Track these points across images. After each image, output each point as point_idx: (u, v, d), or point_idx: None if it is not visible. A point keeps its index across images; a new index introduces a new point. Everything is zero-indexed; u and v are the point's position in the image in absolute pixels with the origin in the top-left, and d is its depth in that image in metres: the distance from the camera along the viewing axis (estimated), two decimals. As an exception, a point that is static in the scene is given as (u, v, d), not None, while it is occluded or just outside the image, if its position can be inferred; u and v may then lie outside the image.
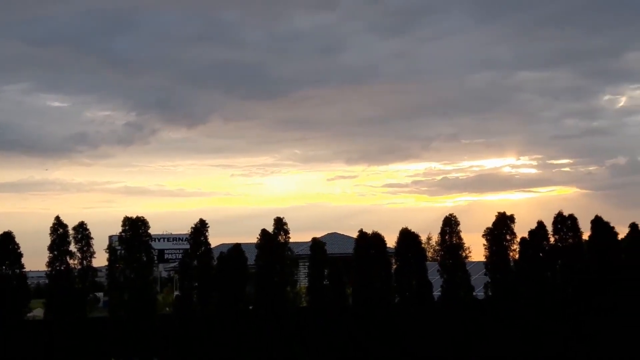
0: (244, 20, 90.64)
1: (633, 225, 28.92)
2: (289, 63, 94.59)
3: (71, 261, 26.35)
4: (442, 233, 28.81)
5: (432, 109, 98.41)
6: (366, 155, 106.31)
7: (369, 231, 28.34)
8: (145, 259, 26.74)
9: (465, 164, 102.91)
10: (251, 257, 27.93)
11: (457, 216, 28.88)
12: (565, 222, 28.50)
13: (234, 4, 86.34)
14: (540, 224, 28.61)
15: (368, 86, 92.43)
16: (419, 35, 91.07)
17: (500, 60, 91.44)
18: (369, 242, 28.26)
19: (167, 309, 29.56)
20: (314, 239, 28.67)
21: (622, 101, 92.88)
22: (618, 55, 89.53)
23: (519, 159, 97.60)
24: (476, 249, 34.52)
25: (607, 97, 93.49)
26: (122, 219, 26.91)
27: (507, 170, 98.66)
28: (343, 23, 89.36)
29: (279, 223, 27.86)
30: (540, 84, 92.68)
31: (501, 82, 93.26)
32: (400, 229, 28.64)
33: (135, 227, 26.90)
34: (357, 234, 28.79)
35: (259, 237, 27.84)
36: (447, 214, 28.96)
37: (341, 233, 47.14)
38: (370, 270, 27.78)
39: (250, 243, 28.52)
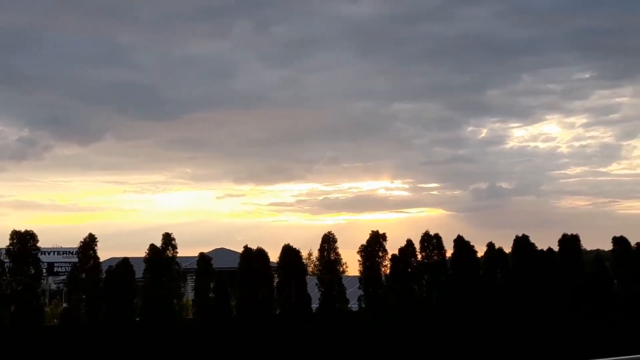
0: (140, 44, 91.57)
1: (490, 245, 30.44)
2: (183, 86, 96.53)
3: (-43, 272, 25.71)
4: (322, 249, 29.68)
5: (315, 134, 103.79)
6: (254, 175, 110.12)
7: (254, 247, 29.03)
8: (33, 271, 26.66)
9: (344, 185, 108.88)
10: (140, 271, 28.07)
11: (335, 234, 29.60)
12: (431, 241, 29.73)
13: (131, 30, 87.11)
14: (409, 242, 29.78)
15: (257, 110, 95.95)
16: (305, 65, 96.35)
17: (377, 91, 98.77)
18: (254, 257, 28.60)
19: (56, 320, 29.29)
20: (201, 254, 29.06)
21: (484, 132, 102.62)
22: (480, 91, 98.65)
23: (393, 182, 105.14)
24: (352, 264, 35.77)
25: (470, 129, 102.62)
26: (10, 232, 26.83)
27: (382, 192, 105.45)
28: (235, 51, 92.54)
29: (167, 238, 28.14)
30: (412, 114, 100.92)
31: (378, 111, 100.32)
32: (283, 245, 29.21)
33: (23, 240, 26.80)
34: (243, 249, 29.02)
35: (147, 251, 27.99)
36: (326, 232, 29.66)
37: (228, 248, 47.02)
38: (253, 284, 28.13)
39: (140, 257, 28.68)
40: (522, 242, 30.37)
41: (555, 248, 31.03)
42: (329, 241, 29.70)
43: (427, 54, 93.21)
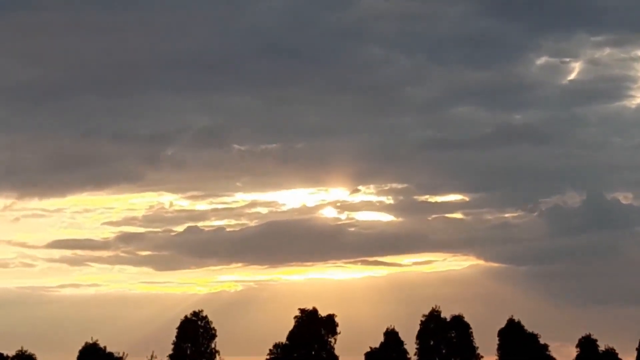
0: None
1: (586, 342, 20.97)
2: None
3: None
4: (178, 353, 22.08)
5: (161, 73, 57.52)
6: (13, 173, 62.09)
7: (11, 350, 21.98)
8: None
9: (237, 196, 64.37)
10: None
11: (212, 317, 22.47)
12: (445, 332, 22.18)
13: None
14: (392, 335, 22.69)
15: (14, 15, 54.68)
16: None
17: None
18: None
19: None
20: None
21: (575, 71, 57.06)
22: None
23: (357, 191, 62.36)
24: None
25: (542, 61, 57.40)
26: None
27: (328, 213, 62.13)
28: None
29: None
30: (404, 26, 55.85)
31: (329, 28, 56.97)
32: (84, 343, 23.26)
33: None
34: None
35: None
36: (189, 313, 22.36)
37: None
38: None
39: None
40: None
41: None
42: (195, 334, 22.45)
43: None
